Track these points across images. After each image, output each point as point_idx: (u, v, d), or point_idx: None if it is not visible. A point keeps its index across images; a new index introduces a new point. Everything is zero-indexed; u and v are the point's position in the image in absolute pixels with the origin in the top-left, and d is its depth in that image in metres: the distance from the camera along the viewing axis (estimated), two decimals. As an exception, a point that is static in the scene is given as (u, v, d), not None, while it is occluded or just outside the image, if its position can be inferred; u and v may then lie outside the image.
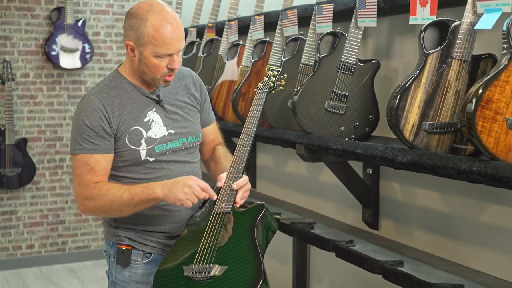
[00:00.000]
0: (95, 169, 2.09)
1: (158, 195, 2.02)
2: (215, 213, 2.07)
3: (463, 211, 2.50)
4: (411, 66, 2.52)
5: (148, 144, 2.14)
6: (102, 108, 2.09)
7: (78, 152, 2.09)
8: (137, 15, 2.06)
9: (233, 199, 2.08)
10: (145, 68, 2.09)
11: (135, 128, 2.13)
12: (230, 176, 2.11)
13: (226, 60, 3.67)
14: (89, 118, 2.08)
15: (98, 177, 2.09)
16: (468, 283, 2.20)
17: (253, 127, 2.20)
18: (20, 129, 5.25)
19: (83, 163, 2.09)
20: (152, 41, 2.03)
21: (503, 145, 1.87)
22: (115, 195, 2.05)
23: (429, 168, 2.07)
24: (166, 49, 2.04)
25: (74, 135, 2.11)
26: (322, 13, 2.81)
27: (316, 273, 3.52)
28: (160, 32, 2.02)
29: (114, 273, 2.22)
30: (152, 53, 2.05)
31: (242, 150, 2.16)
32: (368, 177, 2.93)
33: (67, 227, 5.47)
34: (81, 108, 2.11)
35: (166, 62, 2.08)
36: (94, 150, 2.09)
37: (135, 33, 2.05)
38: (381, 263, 2.39)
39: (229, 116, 3.54)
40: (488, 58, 2.14)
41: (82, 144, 2.09)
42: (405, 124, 2.15)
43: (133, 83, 2.16)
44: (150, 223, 2.17)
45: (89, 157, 2.09)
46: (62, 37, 5.22)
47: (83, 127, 2.08)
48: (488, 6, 2.03)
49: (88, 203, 2.09)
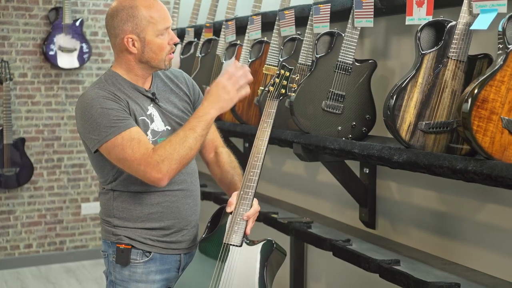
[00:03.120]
0: (141, 139, 2.02)
1: (214, 115, 2.06)
2: (226, 244, 2.09)
3: (459, 210, 2.52)
4: (407, 66, 2.53)
5: (153, 136, 2.14)
6: (112, 96, 2.08)
7: (116, 133, 2.01)
8: (124, 7, 2.09)
9: (243, 230, 2.09)
10: (151, 53, 2.12)
11: (143, 118, 2.14)
12: (240, 202, 2.09)
13: (224, 60, 3.67)
14: (106, 103, 2.04)
15: (149, 145, 2.03)
16: (464, 282, 2.21)
17: (264, 146, 2.09)
18: (18, 128, 5.25)
19: (127, 139, 2.00)
20: (151, 20, 2.09)
21: (498, 144, 1.89)
22: (178, 141, 2.00)
23: (425, 167, 2.08)
24: (164, 23, 2.11)
25: (97, 125, 2.03)
26: (319, 13, 2.81)
27: (313, 272, 3.53)
28: (154, 8, 2.10)
29: (113, 273, 2.22)
30: (154, 33, 2.10)
31: (253, 172, 2.08)
32: (365, 176, 2.94)
33: (65, 227, 5.47)
34: (90, 100, 2.06)
35: (167, 38, 2.13)
36: (129, 124, 2.04)
37: (131, 24, 2.08)
38: (378, 262, 2.40)
39: (227, 116, 3.54)
40: (483, 58, 2.15)
41: (114, 125, 2.02)
42: (402, 123, 2.16)
43: (128, 81, 2.16)
44: (149, 220, 2.17)
45: (128, 133, 2.02)
46: (60, 37, 5.23)
47: (104, 112, 2.03)
48: (484, 7, 2.04)
49: (162, 167, 1.98)
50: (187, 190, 2.23)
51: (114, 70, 2.19)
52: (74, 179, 5.46)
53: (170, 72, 2.30)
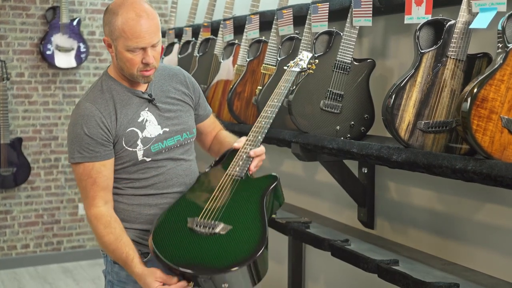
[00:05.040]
0: (98, 182, 2.09)
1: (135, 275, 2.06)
2: (228, 175, 2.10)
3: (458, 210, 2.51)
4: (406, 65, 2.52)
5: (144, 144, 2.13)
6: (99, 115, 2.08)
7: (79, 160, 2.08)
8: (110, 10, 2.06)
9: (247, 166, 2.12)
10: (122, 63, 2.08)
11: (131, 129, 2.12)
12: (248, 143, 2.15)
13: (222, 60, 3.67)
14: (87, 126, 2.07)
15: (102, 192, 2.10)
16: (463, 282, 2.20)
17: (279, 103, 2.22)
18: (15, 128, 5.24)
19: (86, 174, 2.09)
20: (122, 34, 2.02)
21: (498, 143, 1.88)
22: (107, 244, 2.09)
23: (424, 167, 2.07)
24: (136, 42, 2.02)
25: (73, 143, 2.09)
26: (318, 12, 2.81)
27: (311, 272, 3.52)
28: (129, 24, 2.00)
29: (112, 273, 2.21)
30: (124, 47, 2.03)
31: (264, 121, 2.18)
32: (363, 176, 2.94)
33: (62, 227, 5.46)
34: (78, 116, 2.09)
35: (141, 56, 2.05)
36: (95, 157, 2.08)
37: (108, 28, 2.05)
38: (377, 262, 2.39)
39: (225, 116, 3.53)
40: (483, 57, 2.14)
41: (82, 153, 2.07)
42: (401, 123, 2.15)
43: (123, 85, 2.15)
44: (148, 222, 2.16)
45: (91, 167, 2.08)
46: (57, 36, 5.21)
47: (81, 135, 2.07)
48: (483, 5, 2.03)
49: (91, 221, 2.15)
50: None
51: (109, 73, 2.18)
52: (71, 179, 5.44)
53: (169, 69, 2.28)
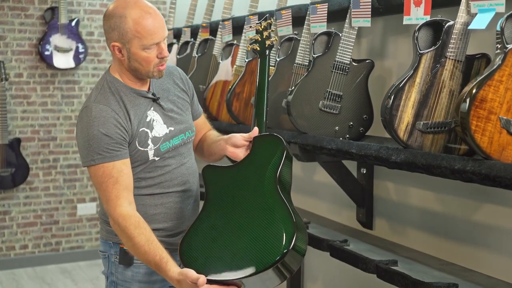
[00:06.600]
0: (120, 181, 2.04)
1: (170, 279, 1.98)
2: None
3: (457, 211, 2.51)
4: (405, 66, 2.52)
5: (154, 144, 2.13)
6: (115, 116, 2.07)
7: (99, 162, 2.03)
8: (115, 15, 2.05)
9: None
10: (136, 64, 2.08)
11: (142, 129, 2.12)
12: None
13: (220, 60, 3.67)
14: (104, 126, 2.04)
15: (125, 192, 2.05)
16: (462, 282, 2.20)
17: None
18: (13, 129, 5.23)
19: (107, 174, 2.04)
20: (136, 35, 2.02)
21: (496, 144, 1.88)
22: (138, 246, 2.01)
23: (423, 167, 2.08)
24: (151, 39, 2.04)
25: (90, 146, 2.04)
26: (316, 13, 2.81)
27: (310, 272, 3.52)
28: (142, 24, 2.02)
29: (115, 273, 2.21)
30: (139, 47, 2.04)
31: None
32: (362, 176, 2.94)
33: (61, 228, 5.46)
34: (92, 119, 2.06)
35: (155, 52, 2.07)
36: (116, 157, 2.05)
37: (118, 33, 2.05)
38: (375, 262, 2.39)
39: (223, 116, 3.53)
40: (481, 58, 2.14)
41: (102, 153, 2.04)
42: (399, 123, 2.15)
43: (128, 86, 2.15)
44: (153, 221, 2.15)
45: (111, 167, 2.04)
46: (55, 37, 5.21)
47: (99, 136, 2.03)
48: (482, 6, 2.03)
49: (116, 228, 2.06)
50: (189, 190, 2.24)
51: (112, 74, 2.17)
52: (70, 180, 5.44)
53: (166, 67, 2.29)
